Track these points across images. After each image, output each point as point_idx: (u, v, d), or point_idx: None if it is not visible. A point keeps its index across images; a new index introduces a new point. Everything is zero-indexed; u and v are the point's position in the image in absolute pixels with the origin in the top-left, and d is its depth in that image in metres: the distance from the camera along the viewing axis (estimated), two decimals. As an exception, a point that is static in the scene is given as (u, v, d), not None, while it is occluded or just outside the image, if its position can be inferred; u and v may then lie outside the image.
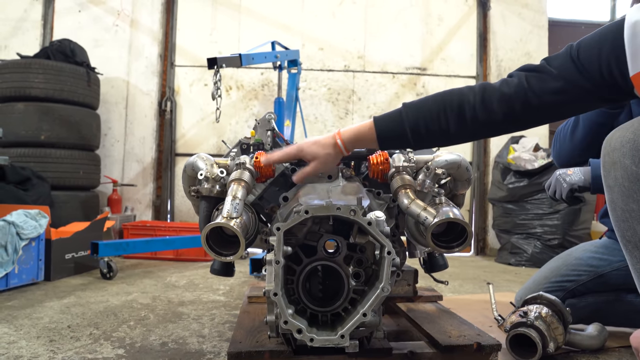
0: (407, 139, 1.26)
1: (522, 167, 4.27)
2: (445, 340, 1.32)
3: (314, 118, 4.95)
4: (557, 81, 1.14)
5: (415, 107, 1.26)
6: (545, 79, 1.15)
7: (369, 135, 1.28)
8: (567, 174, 1.86)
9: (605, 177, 1.14)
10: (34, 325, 1.92)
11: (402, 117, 1.25)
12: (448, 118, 1.22)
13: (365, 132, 1.29)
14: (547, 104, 1.16)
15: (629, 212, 1.08)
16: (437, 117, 1.22)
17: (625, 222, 1.09)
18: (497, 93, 1.19)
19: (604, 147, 1.14)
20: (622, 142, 1.08)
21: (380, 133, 1.27)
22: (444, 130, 1.23)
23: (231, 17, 4.94)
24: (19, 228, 2.59)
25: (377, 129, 1.27)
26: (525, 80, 1.17)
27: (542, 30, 5.09)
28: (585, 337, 1.64)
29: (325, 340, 1.03)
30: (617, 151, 1.08)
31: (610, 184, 1.12)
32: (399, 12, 5.05)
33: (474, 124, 1.22)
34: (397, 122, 1.26)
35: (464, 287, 2.97)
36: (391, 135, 1.27)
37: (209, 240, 1.21)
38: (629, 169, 1.06)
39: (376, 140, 1.28)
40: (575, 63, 1.12)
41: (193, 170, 1.49)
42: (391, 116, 1.28)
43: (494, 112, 1.19)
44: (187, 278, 3.07)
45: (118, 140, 4.81)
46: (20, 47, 4.54)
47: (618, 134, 1.10)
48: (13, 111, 3.87)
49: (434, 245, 1.25)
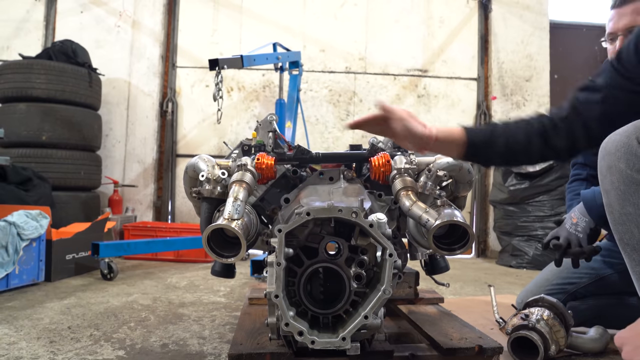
0: (495, 149, 1.30)
1: (523, 170, 4.26)
2: (446, 343, 1.31)
3: (315, 119, 4.95)
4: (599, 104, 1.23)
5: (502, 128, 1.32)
6: (593, 106, 1.23)
7: (456, 133, 1.29)
8: (574, 223, 1.78)
9: (602, 181, 1.16)
10: (34, 326, 1.91)
11: (492, 130, 1.31)
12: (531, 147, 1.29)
13: (454, 131, 1.30)
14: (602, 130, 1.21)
15: (626, 215, 1.10)
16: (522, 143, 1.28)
17: (622, 225, 1.11)
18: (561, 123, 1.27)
19: (600, 152, 1.16)
20: (617, 147, 1.10)
21: (470, 136, 1.29)
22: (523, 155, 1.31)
23: (233, 18, 4.95)
24: (19, 228, 2.59)
25: (467, 132, 1.29)
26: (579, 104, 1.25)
27: (544, 32, 5.09)
28: (587, 340, 1.63)
29: (326, 343, 1.02)
30: (612, 155, 1.11)
31: (607, 188, 1.14)
32: (401, 13, 5.05)
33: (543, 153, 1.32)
34: (486, 132, 1.32)
35: (465, 290, 2.97)
36: (481, 141, 1.30)
37: (210, 242, 1.21)
38: (624, 172, 1.08)
39: (465, 143, 1.29)
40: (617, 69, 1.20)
41: (194, 172, 1.49)
42: (478, 127, 1.37)
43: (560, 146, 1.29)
44: (187, 279, 3.07)
45: (119, 141, 4.81)
46: (22, 47, 4.54)
47: (613, 139, 1.13)
48: (15, 111, 3.87)
49: (435, 247, 1.24)
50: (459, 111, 5.05)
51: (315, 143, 4.86)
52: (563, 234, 1.81)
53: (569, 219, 1.82)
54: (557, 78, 5.20)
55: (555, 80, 5.18)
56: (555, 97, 5.11)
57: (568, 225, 1.80)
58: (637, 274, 1.12)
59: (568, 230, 1.80)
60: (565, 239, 1.79)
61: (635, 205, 1.08)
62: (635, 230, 1.08)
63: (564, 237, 1.80)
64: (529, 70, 5.05)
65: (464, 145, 1.28)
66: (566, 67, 5.26)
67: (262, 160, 1.48)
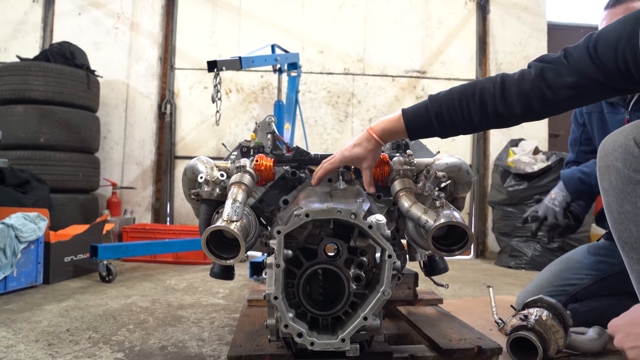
0: (433, 128, 1.33)
1: (521, 170, 4.27)
2: (446, 344, 1.31)
3: (313, 121, 4.95)
4: (571, 76, 1.17)
5: (439, 99, 1.33)
6: (561, 73, 1.19)
7: (398, 126, 1.35)
8: (552, 198, 1.97)
9: (600, 180, 1.18)
10: (32, 328, 1.91)
11: (428, 109, 1.32)
12: (470, 110, 1.28)
13: (394, 124, 1.36)
14: (562, 98, 1.20)
15: (624, 213, 1.12)
16: (460, 109, 1.29)
17: (621, 223, 1.13)
18: (515, 88, 1.24)
19: (599, 152, 1.18)
20: (615, 147, 1.12)
21: (408, 123, 1.34)
22: (467, 120, 1.30)
23: (231, 20, 4.95)
24: (17, 231, 2.58)
25: (405, 120, 1.34)
26: (541, 74, 1.21)
27: (542, 33, 5.10)
28: (586, 341, 1.63)
29: (325, 344, 1.02)
30: (610, 155, 1.13)
31: (606, 187, 1.16)
32: (399, 15, 5.06)
33: (494, 116, 1.28)
34: (424, 113, 1.33)
35: (464, 291, 2.97)
36: (419, 125, 1.34)
37: (209, 244, 1.21)
38: (622, 172, 1.10)
39: (405, 131, 1.35)
40: (592, 56, 1.15)
41: (193, 173, 1.49)
42: (418, 108, 1.35)
43: (513, 107, 1.25)
44: (186, 281, 3.06)
45: (117, 143, 4.80)
46: (20, 49, 4.53)
47: (611, 139, 1.15)
48: (13, 114, 3.86)
49: (434, 248, 1.24)
50: (457, 112, 5.04)
51: (314, 144, 4.86)
52: (541, 208, 2.00)
53: (549, 195, 2.00)
54: (555, 79, 5.20)
55: (553, 81, 5.17)
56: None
57: (547, 200, 2.00)
58: (635, 272, 1.13)
59: (546, 205, 2.00)
60: (543, 212, 2.00)
61: (633, 204, 1.10)
62: (634, 229, 1.10)
63: (542, 210, 1.99)
64: (527, 72, 5.05)
65: (407, 135, 1.37)
66: (564, 68, 5.26)
67: (261, 161, 1.48)
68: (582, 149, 2.10)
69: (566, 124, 5.07)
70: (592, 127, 2.01)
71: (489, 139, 5.00)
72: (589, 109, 2.00)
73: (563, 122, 5.20)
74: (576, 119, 2.12)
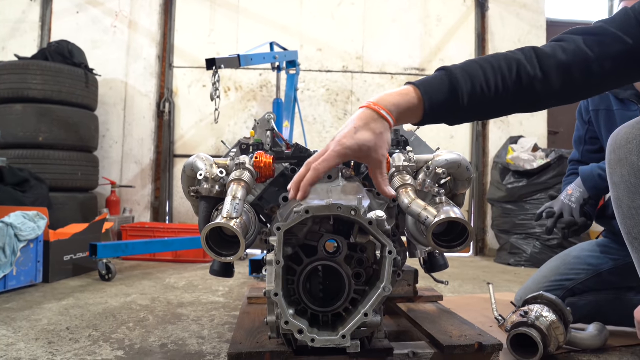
0: (456, 107, 1.07)
1: (521, 168, 4.27)
2: (446, 341, 1.31)
3: (312, 119, 4.94)
4: (620, 44, 1.05)
5: (464, 71, 1.08)
6: (607, 43, 1.06)
7: (413, 103, 1.06)
8: (569, 194, 1.88)
9: (610, 174, 1.12)
10: (32, 327, 1.91)
11: (453, 81, 1.06)
12: (507, 84, 1.07)
13: (408, 99, 1.06)
14: (610, 71, 1.07)
15: (636, 209, 1.06)
16: (495, 83, 1.06)
17: (631, 219, 1.08)
18: (552, 60, 1.06)
19: (610, 145, 1.12)
20: (629, 139, 1.06)
21: (427, 99, 1.06)
22: (502, 96, 1.07)
23: (229, 18, 4.94)
24: (17, 230, 2.58)
25: (424, 95, 1.06)
26: (584, 45, 1.06)
27: (541, 30, 5.10)
28: (586, 337, 1.63)
29: (326, 341, 1.02)
30: (624, 148, 1.07)
31: (616, 181, 1.10)
32: (398, 12, 5.05)
33: (532, 93, 1.08)
34: (446, 88, 1.06)
35: (464, 288, 2.97)
36: (439, 103, 1.06)
37: (209, 241, 1.21)
38: (636, 165, 1.05)
39: (422, 109, 1.06)
40: None
41: (192, 171, 1.48)
42: (435, 81, 1.08)
43: (553, 82, 1.07)
44: (186, 279, 3.06)
45: (116, 141, 4.80)
46: (18, 48, 4.53)
47: (624, 132, 1.09)
48: (11, 113, 3.86)
49: (434, 244, 1.24)
50: (456, 110, 5.05)
51: (313, 142, 4.86)
52: (557, 204, 1.91)
53: (565, 191, 1.91)
54: (554, 76, 5.20)
55: (552, 78, 5.18)
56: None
57: (563, 196, 1.92)
58: None
59: (562, 201, 1.91)
60: (559, 208, 1.90)
61: None
62: None
63: (558, 207, 1.90)
64: (526, 69, 5.05)
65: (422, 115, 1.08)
66: (563, 65, 5.26)
67: (261, 158, 1.48)
68: (587, 148, 2.04)
69: (566, 121, 5.08)
70: (599, 125, 1.95)
71: (488, 136, 5.00)
72: (595, 106, 1.94)
73: (562, 119, 5.20)
74: (581, 116, 2.05)
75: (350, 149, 1.02)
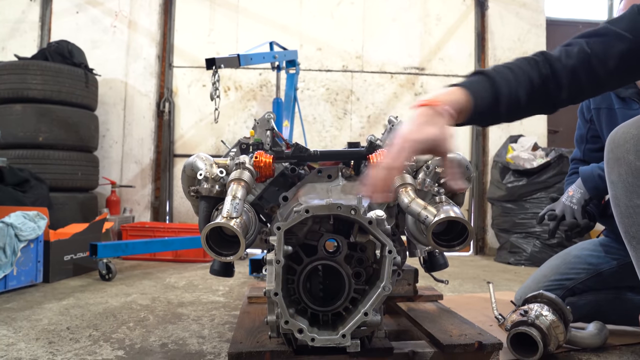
0: (499, 108, 1.11)
1: (520, 167, 4.27)
2: (446, 340, 1.31)
3: (312, 118, 4.94)
4: (623, 42, 1.07)
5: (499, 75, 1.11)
6: (610, 43, 1.08)
7: (465, 102, 1.07)
8: (570, 195, 1.86)
9: (608, 173, 1.13)
10: (33, 327, 1.91)
11: (494, 85, 1.10)
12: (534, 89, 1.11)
13: (460, 97, 1.07)
14: (613, 69, 1.09)
15: (633, 207, 1.07)
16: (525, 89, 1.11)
17: (629, 217, 1.09)
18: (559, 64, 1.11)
19: (608, 144, 1.12)
20: (626, 138, 1.07)
21: (475, 100, 1.08)
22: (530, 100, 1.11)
23: (229, 17, 4.94)
24: (17, 230, 2.58)
25: (472, 94, 1.08)
26: (587, 46, 1.10)
27: (540, 29, 5.10)
28: (586, 336, 1.64)
29: (326, 340, 1.02)
30: (621, 147, 1.08)
31: (614, 180, 1.11)
32: (397, 12, 5.05)
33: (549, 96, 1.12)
34: (490, 90, 1.11)
35: (464, 287, 2.97)
36: (486, 103, 1.10)
37: (209, 240, 1.21)
38: (633, 164, 1.05)
39: (471, 109, 1.08)
40: None
41: (192, 170, 1.48)
42: (478, 84, 1.11)
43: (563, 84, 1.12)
44: (186, 279, 3.06)
45: (116, 141, 4.80)
46: (18, 48, 4.52)
47: (622, 131, 1.09)
48: (11, 113, 3.86)
49: (434, 244, 1.24)
50: (456, 109, 5.05)
51: (313, 142, 4.86)
52: (559, 206, 1.89)
53: (566, 192, 1.90)
54: (554, 75, 5.21)
55: (552, 77, 5.18)
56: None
57: (564, 198, 1.90)
58: None
59: (564, 203, 1.89)
60: (560, 210, 1.88)
61: None
62: None
63: (559, 209, 1.88)
64: (526, 68, 5.05)
65: (468, 116, 1.10)
66: (563, 64, 5.27)
67: (260, 158, 1.48)
68: (589, 147, 2.03)
69: (566, 120, 5.09)
70: (600, 123, 1.94)
71: (487, 135, 5.00)
72: (597, 104, 1.93)
73: (562, 118, 5.20)
74: (582, 114, 2.04)
75: (420, 142, 1.01)
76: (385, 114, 4.95)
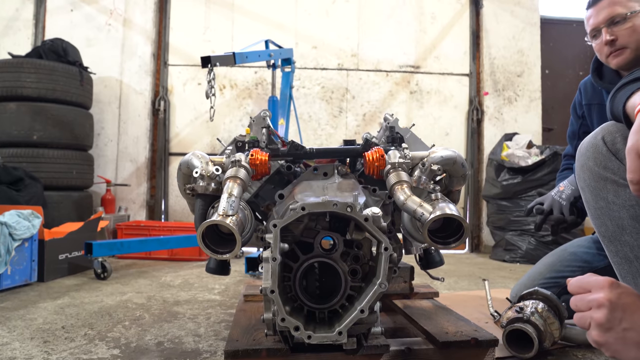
0: None
1: (515, 164, 4.28)
2: (442, 337, 1.32)
3: (307, 116, 4.94)
4: None
5: None
6: None
7: None
8: (560, 191, 1.90)
9: (578, 180, 1.25)
10: (27, 326, 1.90)
11: None
12: None
13: None
14: None
15: (599, 209, 1.18)
16: None
17: (598, 218, 1.19)
18: None
19: (576, 154, 1.25)
20: (587, 147, 1.19)
21: None
22: None
23: (224, 16, 4.93)
24: (11, 229, 2.57)
25: None
26: None
27: (535, 28, 5.11)
28: (581, 332, 1.64)
29: (322, 338, 1.02)
30: (584, 155, 1.20)
31: (583, 186, 1.23)
32: (393, 10, 5.05)
33: None
34: None
35: (460, 284, 2.98)
36: None
37: (205, 239, 1.21)
38: (593, 170, 1.17)
39: None
40: None
41: (188, 168, 1.48)
42: None
43: None
44: (182, 277, 3.06)
45: (111, 140, 4.78)
46: (11, 46, 4.50)
47: (585, 141, 1.22)
48: (5, 111, 3.83)
49: (430, 241, 1.24)
50: (451, 107, 5.06)
51: (309, 140, 4.86)
52: (547, 200, 1.93)
53: (557, 187, 1.94)
54: (548, 73, 5.23)
55: (547, 75, 5.21)
56: (547, 92, 5.15)
57: (554, 192, 1.93)
58: (615, 263, 1.19)
59: (553, 197, 1.93)
60: (549, 205, 1.92)
61: (605, 199, 1.16)
62: (609, 223, 1.16)
63: (547, 203, 1.93)
64: (521, 66, 5.07)
65: None
66: (557, 62, 5.29)
67: (256, 156, 1.48)
68: None
69: (560, 118, 5.11)
70: (592, 119, 1.95)
71: (483, 133, 5.01)
72: (588, 101, 1.95)
73: (556, 116, 5.22)
74: (575, 111, 2.06)
75: None
76: (380, 112, 4.95)
